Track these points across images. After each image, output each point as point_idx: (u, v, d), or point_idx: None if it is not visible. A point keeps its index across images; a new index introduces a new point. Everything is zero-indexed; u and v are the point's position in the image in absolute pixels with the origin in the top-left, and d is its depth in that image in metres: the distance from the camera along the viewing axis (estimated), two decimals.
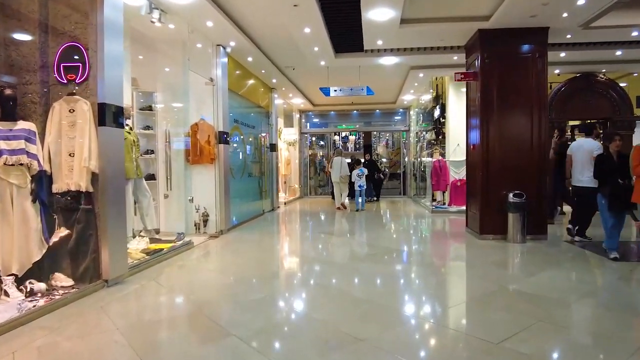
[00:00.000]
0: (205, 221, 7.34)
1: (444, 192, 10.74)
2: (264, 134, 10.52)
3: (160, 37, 7.02)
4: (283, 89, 11.33)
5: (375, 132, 18.24)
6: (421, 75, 9.80)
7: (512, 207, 6.24)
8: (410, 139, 14.73)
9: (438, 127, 11.03)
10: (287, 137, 14.69)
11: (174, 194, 7.34)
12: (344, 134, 19.70)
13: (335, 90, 9.34)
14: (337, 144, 18.43)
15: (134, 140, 5.92)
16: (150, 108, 7.43)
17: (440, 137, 11.05)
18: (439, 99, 10.87)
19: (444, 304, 3.83)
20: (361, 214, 10.41)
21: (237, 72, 8.63)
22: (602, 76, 9.57)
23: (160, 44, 7.20)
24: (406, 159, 15.21)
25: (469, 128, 7.23)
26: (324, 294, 4.01)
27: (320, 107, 14.96)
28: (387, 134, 21.72)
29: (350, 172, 11.14)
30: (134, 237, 5.93)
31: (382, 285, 4.29)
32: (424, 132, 12.42)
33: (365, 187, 11.43)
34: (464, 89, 10.32)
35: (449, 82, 10.21)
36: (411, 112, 14.64)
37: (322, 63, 8.70)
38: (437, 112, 10.68)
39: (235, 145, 8.41)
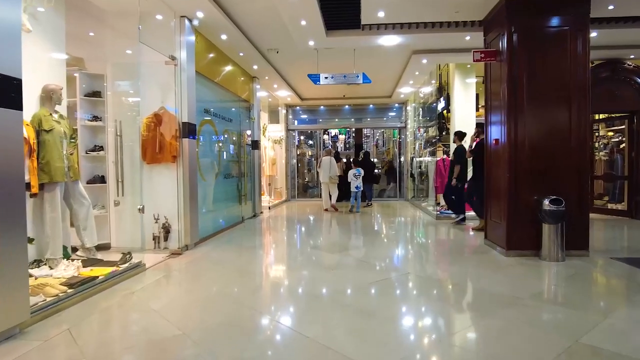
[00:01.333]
0: (167, 234, 5.96)
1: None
2: (244, 130, 9.14)
3: (112, 8, 5.64)
4: (266, 77, 9.97)
5: (366, 132, 17.07)
6: (424, 61, 8.53)
7: (549, 216, 4.99)
8: (407, 137, 13.46)
9: (441, 122, 9.79)
10: (273, 135, 13.36)
11: (128, 200, 5.94)
12: (333, 133, 18.72)
13: (326, 78, 8.02)
14: (326, 144, 17.47)
15: (65, 132, 4.53)
16: (99, 94, 6.05)
17: (443, 134, 9.80)
18: (442, 91, 9.63)
19: None
20: (357, 219, 9.13)
21: (211, 55, 7.26)
22: (630, 63, 8.41)
23: (111, 17, 5.81)
24: (402, 159, 13.96)
25: (488, 120, 5.97)
26: (319, 355, 2.68)
27: (309, 102, 13.62)
28: (378, 134, 20.83)
29: (347, 172, 10.74)
30: (67, 258, 4.53)
31: (396, 343, 2.98)
32: (424, 129, 11.16)
33: (361, 188, 10.60)
34: (470, 80, 9.13)
35: (455, 70, 8.97)
36: (408, 108, 13.38)
37: (311, 43, 7.37)
38: (440, 105, 9.42)
39: (206, 141, 7.03)
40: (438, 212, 8.90)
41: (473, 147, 7.65)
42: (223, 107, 7.90)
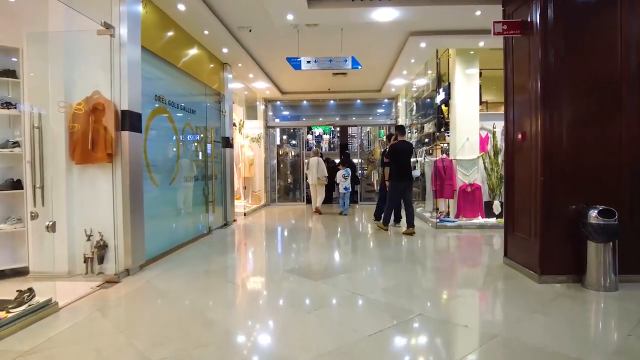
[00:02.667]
0: (102, 255, 4.61)
1: (442, 200, 8.34)
2: (213, 125, 7.81)
3: None
4: (239, 65, 8.65)
5: (351, 132, 15.94)
6: (423, 44, 7.35)
7: (597, 231, 3.82)
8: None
9: (439, 117, 8.63)
10: (251, 132, 12.05)
11: (50, 211, 4.57)
12: (317, 132, 17.71)
13: (308, 62, 6.76)
14: (310, 144, 16.47)
15: None
16: (13, 74, 4.68)
17: (442, 130, 8.65)
18: (440, 81, 8.47)
19: None
20: (345, 229, 7.88)
21: (168, 32, 5.94)
22: None
23: None
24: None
25: (511, 112, 4.80)
26: None
27: (290, 96, 12.34)
28: (363, 133, 19.80)
29: (334, 173, 10.41)
30: None
31: None
32: (419, 125, 9.98)
33: (350, 189, 10.12)
34: (473, 70, 8.00)
35: (457, 58, 7.82)
36: (399, 104, 12.21)
37: (290, 18, 6.10)
38: (439, 98, 8.25)
39: (159, 135, 5.69)
40: (437, 220, 7.72)
41: (387, 150, 7.48)
42: (184, 96, 6.56)
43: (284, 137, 14.84)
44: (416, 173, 8.38)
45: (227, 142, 8.41)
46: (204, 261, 5.29)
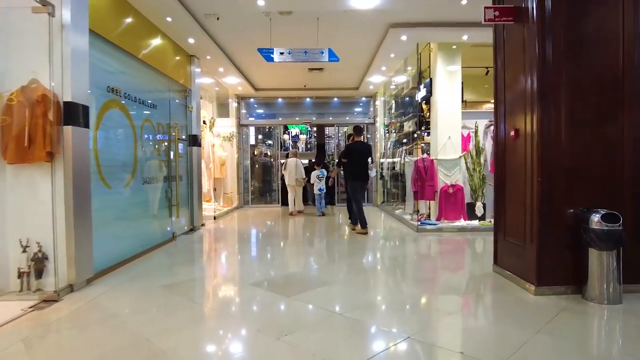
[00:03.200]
0: (40, 269, 3.97)
1: (423, 202, 7.98)
2: (178, 121, 7.19)
3: None
4: (208, 57, 8.04)
5: (328, 132, 15.51)
6: (404, 37, 6.94)
7: (600, 238, 3.46)
8: (375, 134, 11.90)
9: (420, 115, 8.26)
10: (222, 130, 11.43)
11: None
12: (294, 132, 17.26)
13: (281, 54, 6.24)
14: (286, 144, 16.00)
15: None
16: None
17: (422, 129, 8.28)
18: (421, 78, 8.10)
19: None
20: (322, 233, 7.40)
21: (127, 19, 5.33)
22: None
23: None
24: (369, 160, 12.37)
25: (501, 105, 4.42)
26: None
27: (264, 93, 11.77)
28: (340, 133, 19.50)
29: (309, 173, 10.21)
30: None
31: None
32: (398, 124, 9.60)
33: (325, 190, 9.92)
34: (454, 67, 7.65)
35: (438, 53, 7.46)
36: (377, 102, 11.82)
37: (261, 4, 5.57)
38: (419, 94, 7.87)
39: (112, 132, 5.06)
40: (418, 223, 7.33)
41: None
42: (144, 90, 5.93)
43: (259, 136, 14.26)
44: (372, 173, 8.12)
45: (195, 141, 7.79)
46: (163, 273, 4.69)
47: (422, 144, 8.29)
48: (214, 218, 9.22)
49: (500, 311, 3.45)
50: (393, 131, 10.31)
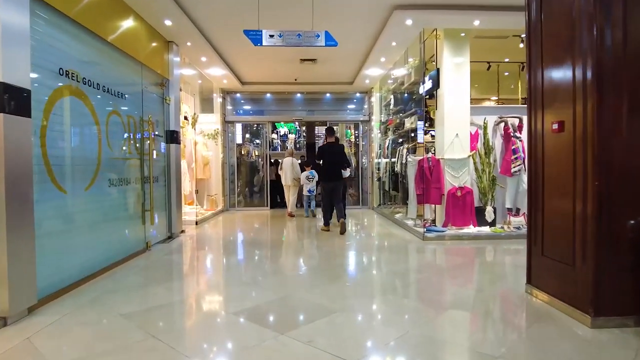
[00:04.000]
0: None
1: (427, 206, 7.25)
2: (152, 115, 6.33)
3: None
4: (188, 44, 7.18)
5: (317, 132, 14.76)
6: (409, 22, 6.19)
7: None
8: (370, 132, 11.15)
9: (423, 110, 7.53)
10: (206, 127, 10.57)
11: None
12: (282, 132, 16.54)
13: (271, 36, 5.42)
14: (275, 143, 15.32)
15: None
16: None
17: (426, 125, 7.55)
18: (425, 69, 7.38)
19: None
20: (316, 241, 6.60)
21: None
22: None
23: None
24: (363, 159, 11.66)
25: (537, 90, 3.67)
26: None
27: (252, 87, 10.93)
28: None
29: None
30: None
31: None
32: (399, 121, 8.85)
33: (315, 191, 9.66)
34: (461, 57, 6.94)
35: (445, 42, 6.74)
36: (372, 99, 11.05)
37: None
38: (424, 87, 7.13)
39: (67, 124, 4.18)
40: (424, 230, 6.58)
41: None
42: (111, 77, 5.06)
43: (247, 135, 13.43)
44: (346, 173, 7.70)
45: (173, 137, 6.93)
46: (126, 297, 3.84)
47: (426, 143, 7.57)
48: (196, 223, 8.35)
49: (557, 352, 2.69)
50: (391, 129, 9.58)
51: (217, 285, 4.39)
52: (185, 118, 9.37)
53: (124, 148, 5.34)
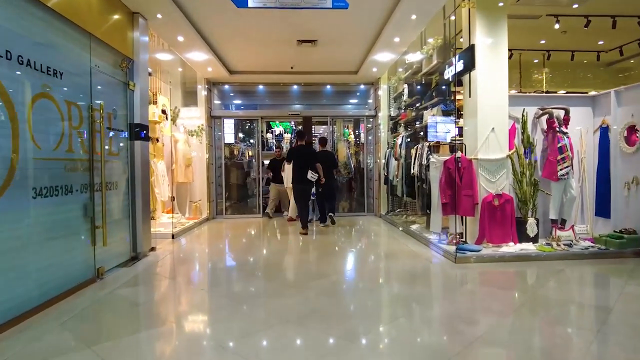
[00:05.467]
0: None
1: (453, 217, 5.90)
2: (110, 103, 4.94)
3: None
4: (159, 16, 5.78)
5: (315, 130, 13.44)
6: None
7: None
8: (376, 129, 9.78)
9: (447, 99, 6.20)
10: (189, 123, 9.21)
11: None
12: (277, 132, 15.30)
13: None
14: (270, 143, 14.08)
15: None
16: None
17: (452, 117, 6.22)
18: (449, 50, 6.05)
19: None
20: (328, 268, 5.22)
21: None
22: None
23: None
24: (368, 160, 10.30)
25: None
26: None
27: (242, 77, 9.53)
28: (326, 133, 17.62)
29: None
30: None
31: None
32: (418, 113, 7.47)
33: (315, 195, 8.18)
34: (497, 36, 5.62)
35: (478, 14, 5.39)
36: (380, 92, 9.67)
37: None
38: (450, 71, 5.78)
39: None
40: (455, 246, 5.23)
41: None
42: (38, 45, 3.67)
43: (240, 134, 12.04)
44: (309, 176, 7.37)
45: (139, 132, 5.53)
46: None
47: (451, 139, 6.23)
48: (172, 237, 6.96)
49: None
50: (403, 124, 8.23)
51: (192, 339, 3.00)
52: (164, 112, 8.02)
53: (62, 145, 3.94)
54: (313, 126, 15.76)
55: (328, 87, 10.34)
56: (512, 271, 4.77)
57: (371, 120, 10.14)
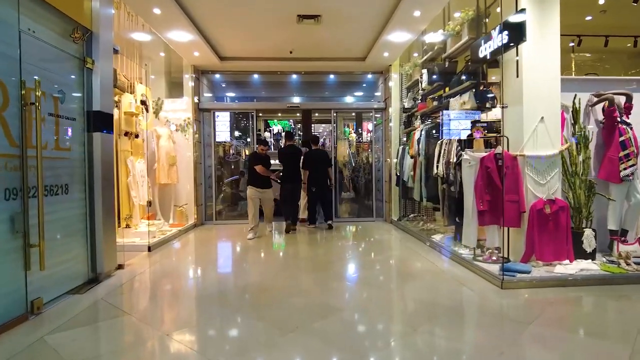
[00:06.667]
0: None
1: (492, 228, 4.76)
2: (52, 80, 3.82)
3: None
4: None
5: (314, 129, 12.42)
6: None
7: None
8: (389, 123, 8.64)
9: (480, 85, 5.11)
10: (174, 117, 8.12)
11: None
12: (275, 130, 14.48)
13: None
14: (268, 143, 13.01)
15: None
16: None
17: (488, 106, 5.10)
18: (482, 21, 4.96)
19: None
20: (345, 295, 4.09)
21: None
22: None
23: None
24: (377, 158, 9.17)
25: None
26: None
27: (234, 64, 8.37)
28: (326, 132, 16.72)
29: None
30: None
31: None
32: (442, 99, 6.33)
33: None
34: (549, 3, 4.43)
35: None
36: (390, 83, 8.51)
37: None
38: (487, 49, 4.66)
39: None
40: (498, 264, 4.12)
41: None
42: None
43: (236, 132, 10.91)
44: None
45: (100, 122, 4.39)
46: None
47: (483, 131, 5.12)
48: (148, 249, 5.83)
49: None
50: (418, 117, 7.12)
51: None
52: (143, 103, 6.92)
53: None
54: (313, 124, 14.70)
55: (331, 76, 9.21)
56: (584, 302, 3.68)
57: (379, 114, 9.01)
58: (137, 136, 6.81)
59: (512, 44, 4.17)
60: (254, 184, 6.89)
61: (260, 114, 15.20)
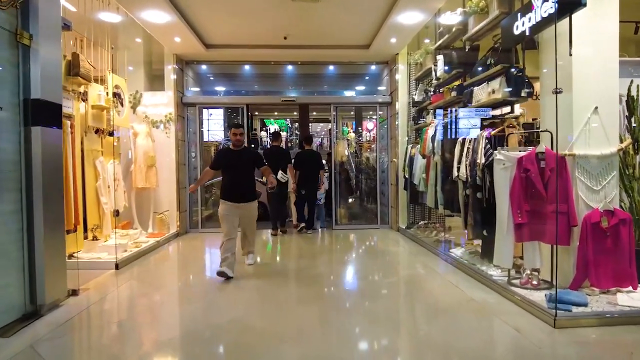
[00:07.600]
0: None
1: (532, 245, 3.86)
2: None
3: None
4: None
5: (311, 128, 11.57)
6: None
7: None
8: (395, 119, 7.72)
9: (513, 69, 4.22)
10: (154, 112, 7.24)
11: None
12: (272, 130, 13.80)
13: None
14: (264, 142, 13.07)
15: None
16: None
17: (523, 95, 4.21)
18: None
19: None
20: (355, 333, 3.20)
21: None
22: None
23: None
24: (383, 158, 8.27)
25: None
26: None
27: (221, 52, 7.42)
28: (324, 132, 15.49)
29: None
30: None
31: None
32: (454, 93, 5.41)
33: (323, 199, 7.76)
34: None
35: None
36: (397, 75, 7.59)
37: None
38: (524, 23, 3.76)
39: None
40: (552, 300, 3.24)
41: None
42: None
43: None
44: (280, 176, 6.80)
45: (41, 114, 3.47)
46: None
47: (517, 126, 4.24)
48: (116, 267, 4.91)
49: None
50: (431, 111, 6.23)
51: None
52: (116, 95, 6.04)
53: None
54: (311, 123, 13.80)
55: (330, 67, 8.30)
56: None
57: (384, 109, 8.10)
58: (111, 134, 5.93)
59: (566, 12, 3.27)
60: (228, 195, 4.74)
61: (256, 113, 14.47)
